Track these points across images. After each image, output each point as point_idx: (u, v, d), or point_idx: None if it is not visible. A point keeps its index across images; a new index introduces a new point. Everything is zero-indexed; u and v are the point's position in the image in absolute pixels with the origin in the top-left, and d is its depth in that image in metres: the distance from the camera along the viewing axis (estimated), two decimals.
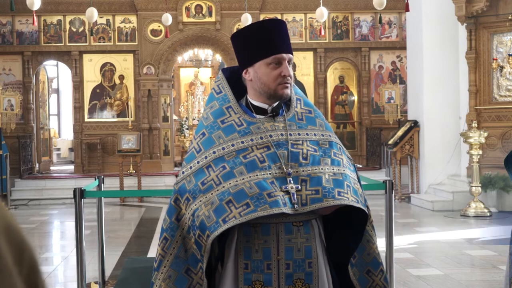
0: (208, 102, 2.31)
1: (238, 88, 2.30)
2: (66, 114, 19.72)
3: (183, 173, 2.20)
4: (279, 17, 14.22)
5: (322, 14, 10.94)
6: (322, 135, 2.25)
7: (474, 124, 9.61)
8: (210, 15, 14.07)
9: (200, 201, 2.09)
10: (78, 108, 14.14)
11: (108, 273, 6.01)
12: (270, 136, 2.17)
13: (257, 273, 2.12)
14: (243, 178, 2.07)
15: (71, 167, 15.17)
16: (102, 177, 5.71)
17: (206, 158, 2.16)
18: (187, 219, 2.13)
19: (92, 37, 14.00)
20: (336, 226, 2.27)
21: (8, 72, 13.94)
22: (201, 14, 14.07)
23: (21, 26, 13.94)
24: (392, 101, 13.76)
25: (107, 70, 14.13)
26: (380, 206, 6.47)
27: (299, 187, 2.09)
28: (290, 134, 2.20)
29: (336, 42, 14.54)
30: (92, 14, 10.27)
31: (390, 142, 11.60)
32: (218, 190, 2.07)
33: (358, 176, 2.30)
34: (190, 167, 2.18)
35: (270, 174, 2.09)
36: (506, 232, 7.68)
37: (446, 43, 10.94)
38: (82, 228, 4.77)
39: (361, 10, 14.48)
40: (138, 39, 14.03)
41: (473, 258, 6.70)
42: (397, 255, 6.04)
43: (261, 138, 2.17)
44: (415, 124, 11.33)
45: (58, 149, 19.16)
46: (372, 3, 10.25)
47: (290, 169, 2.12)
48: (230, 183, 2.07)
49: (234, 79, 2.32)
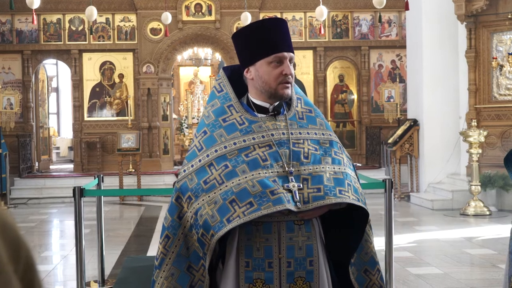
0: (209, 101, 2.31)
1: (239, 86, 2.30)
2: (66, 113, 19.71)
3: (185, 171, 2.19)
4: (279, 15, 14.21)
5: (322, 13, 10.93)
6: (323, 134, 2.26)
7: (474, 123, 9.61)
8: (210, 14, 14.07)
9: (203, 200, 2.09)
10: (77, 107, 14.14)
11: (107, 272, 6.01)
12: (272, 135, 2.17)
13: (258, 271, 2.12)
14: (246, 177, 2.07)
15: (71, 166, 15.17)
16: (102, 176, 5.71)
17: (208, 156, 2.15)
18: (189, 218, 2.13)
19: (91, 35, 14.00)
20: (334, 225, 2.27)
21: (7, 70, 13.93)
22: (200, 13, 14.07)
23: (20, 25, 13.93)
24: (391, 100, 13.76)
25: (107, 68, 14.13)
26: (379, 205, 6.47)
27: (301, 186, 2.09)
28: (292, 133, 2.20)
29: (335, 41, 14.53)
30: (91, 12, 10.26)
31: (390, 141, 11.59)
32: (221, 189, 2.07)
33: (357, 175, 2.31)
34: (192, 166, 2.18)
35: (272, 172, 2.10)
36: (505, 230, 7.68)
37: (446, 42, 10.94)
38: (81, 227, 4.76)
39: (360, 9, 14.47)
40: (138, 38, 14.02)
41: (472, 257, 6.69)
42: (396, 254, 6.03)
43: (262, 136, 2.17)
44: (415, 123, 11.32)
45: (58, 148, 19.15)
46: (371, 2, 10.24)
47: (291, 168, 2.12)
48: (233, 182, 2.07)
49: (235, 78, 2.32)
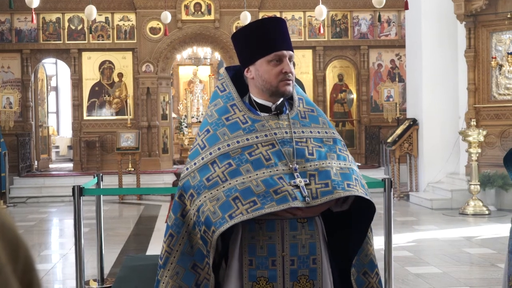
0: (212, 100, 2.31)
1: (242, 86, 2.31)
2: (65, 112, 19.71)
3: (187, 169, 2.19)
4: (278, 15, 14.20)
5: (321, 12, 10.93)
6: (326, 133, 2.26)
7: (473, 122, 9.61)
8: (209, 13, 14.06)
9: (204, 197, 2.09)
10: (77, 106, 14.13)
11: (106, 270, 6.01)
12: (275, 133, 2.18)
13: (261, 269, 2.12)
14: (250, 176, 2.07)
15: (70, 165, 15.17)
16: (101, 175, 5.71)
17: (210, 154, 2.15)
18: (192, 215, 2.13)
19: (91, 35, 14.00)
20: (335, 226, 2.27)
21: (6, 70, 13.92)
22: (200, 12, 14.06)
23: (20, 24, 13.92)
24: (391, 99, 13.77)
25: (106, 68, 14.13)
26: (379, 204, 6.44)
27: (308, 181, 2.09)
28: (294, 132, 2.20)
29: (335, 40, 14.53)
30: (91, 12, 10.25)
31: (389, 140, 11.59)
32: (224, 187, 2.07)
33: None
34: (194, 163, 2.18)
35: (277, 170, 2.09)
36: (504, 230, 7.68)
37: (445, 42, 10.94)
38: (81, 226, 4.76)
39: (360, 8, 14.47)
40: (137, 37, 14.02)
41: (471, 256, 6.70)
42: (396, 253, 6.04)
43: (265, 135, 2.17)
44: (414, 122, 11.32)
45: (57, 147, 19.15)
46: (371, 1, 10.23)
47: (296, 165, 2.12)
48: (237, 180, 2.07)
49: (237, 78, 2.33)
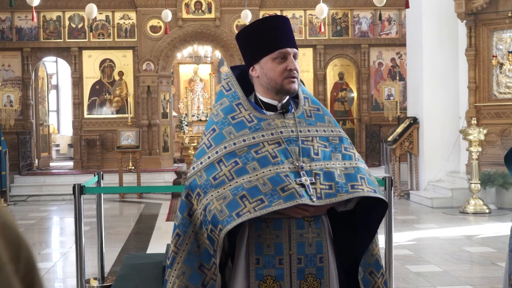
0: (217, 100, 2.31)
1: (247, 86, 2.31)
2: (65, 110, 19.71)
3: (194, 168, 2.19)
4: (279, 13, 14.19)
5: (322, 10, 10.93)
6: (332, 131, 2.26)
7: (474, 121, 9.61)
8: (210, 12, 14.06)
9: (211, 195, 2.08)
10: (77, 104, 14.13)
11: (107, 269, 6.02)
12: (281, 132, 2.18)
13: (269, 268, 2.11)
14: (257, 174, 2.07)
15: (70, 163, 15.17)
16: (102, 173, 5.71)
17: (217, 153, 2.15)
18: (199, 214, 2.12)
19: (91, 33, 13.99)
20: (341, 226, 2.27)
21: (7, 68, 13.92)
22: (200, 11, 14.05)
23: (20, 22, 13.92)
24: (391, 98, 13.77)
25: (107, 66, 14.12)
26: None
27: (313, 180, 2.09)
28: (300, 131, 2.20)
29: (335, 38, 14.52)
30: (91, 10, 10.25)
31: (390, 139, 11.59)
32: (231, 185, 2.07)
33: None
34: (201, 163, 2.18)
35: (283, 168, 2.09)
36: (505, 228, 7.68)
37: (446, 40, 10.93)
38: (81, 224, 4.76)
39: (360, 7, 14.46)
40: (138, 36, 14.02)
41: (472, 255, 6.70)
42: (396, 252, 6.04)
43: (272, 134, 2.17)
44: (415, 121, 11.32)
45: (57, 145, 19.15)
46: (372, 0, 10.23)
47: (302, 163, 2.12)
48: (243, 179, 2.06)
49: (243, 77, 2.33)
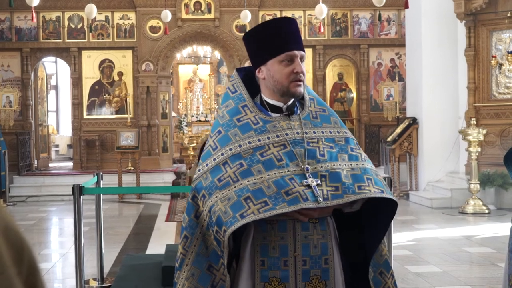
0: (223, 102, 2.32)
1: (253, 88, 2.31)
2: (65, 110, 19.70)
3: (199, 170, 2.20)
4: (278, 13, 14.21)
5: (322, 11, 10.93)
6: (338, 132, 2.26)
7: (473, 121, 9.62)
8: (209, 12, 14.06)
9: (216, 197, 2.09)
10: (76, 104, 14.13)
11: (106, 269, 6.02)
12: (286, 134, 2.18)
13: (274, 269, 2.12)
14: (261, 177, 2.07)
15: (70, 164, 15.16)
16: (101, 173, 5.71)
17: (222, 155, 2.16)
18: (205, 216, 2.13)
19: (91, 33, 13.99)
20: (346, 226, 2.27)
21: (6, 68, 13.92)
22: (200, 11, 14.06)
23: (19, 23, 13.92)
24: (391, 98, 13.77)
25: (106, 66, 14.12)
26: None
27: (319, 182, 2.09)
28: (306, 133, 2.20)
29: (335, 39, 14.53)
30: (91, 10, 10.25)
31: (389, 139, 11.59)
32: (235, 187, 2.07)
33: None
34: (207, 165, 2.18)
35: (288, 171, 2.09)
36: (504, 229, 7.69)
37: (445, 41, 10.94)
38: (80, 224, 4.76)
39: (360, 7, 14.47)
40: (137, 36, 14.02)
41: (471, 255, 6.70)
42: (395, 252, 6.05)
43: (277, 136, 2.17)
44: (414, 121, 11.33)
45: (57, 145, 19.14)
46: (371, 0, 10.23)
47: (307, 165, 2.12)
48: (248, 181, 2.07)
49: (248, 79, 2.33)
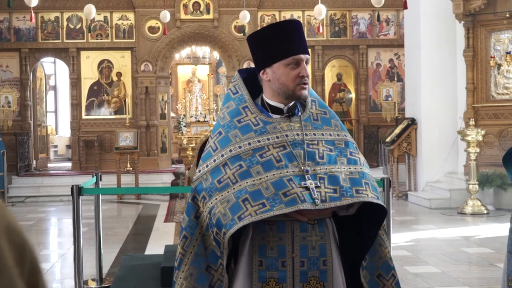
0: (224, 103, 2.33)
1: (255, 89, 2.32)
2: (64, 111, 19.69)
3: (200, 171, 2.21)
4: (277, 14, 14.21)
5: (320, 11, 10.93)
6: (338, 135, 2.27)
7: (472, 122, 9.63)
8: (208, 12, 14.06)
9: (216, 199, 2.10)
10: (75, 105, 14.12)
11: (105, 270, 6.01)
12: (286, 135, 2.19)
13: (271, 270, 2.13)
14: (260, 178, 2.08)
15: (68, 164, 15.15)
16: (100, 174, 5.71)
17: (222, 156, 2.17)
18: (205, 217, 2.14)
19: (89, 34, 13.98)
20: (346, 228, 2.28)
21: (5, 69, 13.91)
22: (198, 11, 14.06)
23: (18, 23, 13.91)
24: (389, 98, 13.78)
25: (105, 67, 14.12)
26: None
27: (318, 184, 2.10)
28: (306, 134, 2.21)
29: (333, 39, 14.53)
30: (90, 11, 10.24)
31: (388, 140, 11.60)
32: (234, 188, 2.08)
33: None
34: (207, 166, 2.20)
35: (287, 172, 2.11)
36: (503, 229, 7.70)
37: (444, 41, 10.95)
38: (79, 225, 4.76)
39: (359, 8, 14.47)
40: (136, 36, 14.01)
41: (470, 256, 6.71)
42: (394, 253, 6.04)
43: (277, 137, 2.19)
44: (413, 121, 11.33)
45: (55, 146, 19.13)
46: (370, 1, 10.23)
47: (307, 167, 2.13)
48: (247, 182, 2.08)
49: (250, 80, 2.34)
